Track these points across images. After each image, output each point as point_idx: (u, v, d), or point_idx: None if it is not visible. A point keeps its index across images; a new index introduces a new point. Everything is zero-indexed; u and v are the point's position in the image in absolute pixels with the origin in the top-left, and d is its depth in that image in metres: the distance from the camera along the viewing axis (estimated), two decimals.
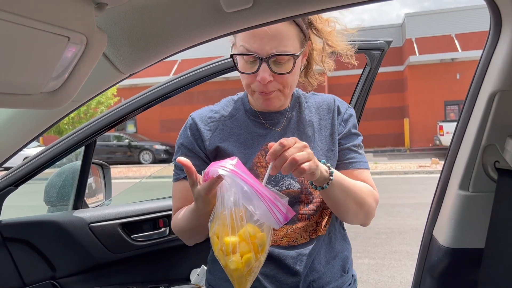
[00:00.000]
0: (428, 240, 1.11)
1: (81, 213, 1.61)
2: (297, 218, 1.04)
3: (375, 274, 4.02)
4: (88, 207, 1.76)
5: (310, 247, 1.04)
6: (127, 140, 17.25)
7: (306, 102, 1.14)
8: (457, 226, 1.01)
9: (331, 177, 0.93)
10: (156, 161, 16.77)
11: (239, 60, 1.02)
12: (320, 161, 0.92)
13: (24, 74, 0.65)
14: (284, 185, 1.04)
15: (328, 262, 1.07)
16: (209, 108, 1.15)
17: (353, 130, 1.12)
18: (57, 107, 0.78)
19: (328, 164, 0.95)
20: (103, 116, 1.54)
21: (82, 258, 1.59)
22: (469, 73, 17.16)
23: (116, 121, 1.53)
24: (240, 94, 1.17)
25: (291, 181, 1.04)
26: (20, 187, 1.57)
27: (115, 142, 17.27)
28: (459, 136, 1.02)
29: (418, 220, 5.68)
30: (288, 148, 0.84)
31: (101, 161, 2.00)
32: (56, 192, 1.76)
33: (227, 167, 0.81)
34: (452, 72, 18.12)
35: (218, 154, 1.07)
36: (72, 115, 16.27)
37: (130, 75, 0.95)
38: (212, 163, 0.85)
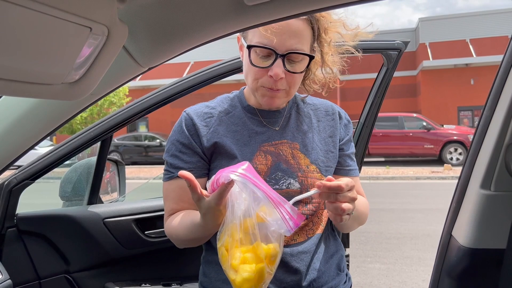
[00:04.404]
0: (447, 240, 1.09)
1: (96, 208, 1.62)
2: None
3: (386, 279, 3.97)
4: (103, 203, 1.77)
5: (307, 245, 1.04)
6: (158, 141, 17.18)
7: (304, 103, 1.16)
8: (478, 226, 0.99)
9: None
10: None
11: (252, 54, 1.02)
12: None
13: (46, 64, 0.65)
14: (284, 184, 1.03)
15: (327, 261, 1.07)
16: (205, 104, 1.13)
17: (351, 138, 1.17)
18: (77, 99, 0.79)
19: None
20: (119, 112, 1.55)
21: (96, 253, 1.60)
22: (483, 78, 16.94)
23: (133, 117, 1.53)
24: (236, 92, 1.17)
25: (291, 180, 1.04)
26: (35, 186, 1.58)
27: (146, 142, 17.22)
28: (481, 134, 1.00)
29: (430, 226, 5.60)
30: (343, 192, 0.86)
31: (116, 158, 2.01)
32: (71, 187, 1.77)
33: (238, 172, 0.76)
34: (466, 77, 17.91)
35: (216, 151, 1.05)
36: (85, 115, 16.45)
37: (149, 69, 0.94)
38: (220, 170, 0.81)
